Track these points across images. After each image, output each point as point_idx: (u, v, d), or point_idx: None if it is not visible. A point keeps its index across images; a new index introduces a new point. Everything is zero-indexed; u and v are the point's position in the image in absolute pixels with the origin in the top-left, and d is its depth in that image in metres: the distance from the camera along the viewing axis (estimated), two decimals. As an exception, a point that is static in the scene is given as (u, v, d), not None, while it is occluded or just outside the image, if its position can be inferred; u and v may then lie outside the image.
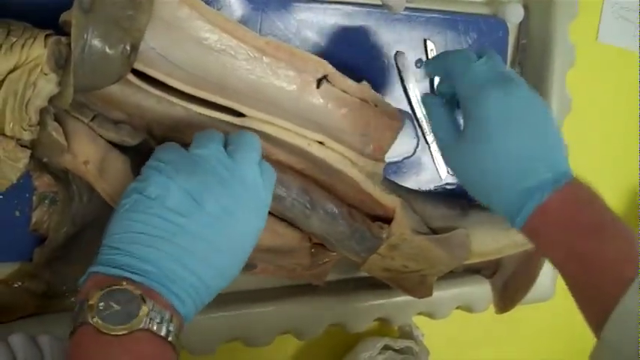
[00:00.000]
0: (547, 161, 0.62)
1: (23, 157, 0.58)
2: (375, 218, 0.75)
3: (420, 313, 0.85)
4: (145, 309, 0.49)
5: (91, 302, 0.49)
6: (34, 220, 0.68)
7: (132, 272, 0.51)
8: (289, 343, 0.84)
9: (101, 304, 0.49)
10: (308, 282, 0.80)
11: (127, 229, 0.53)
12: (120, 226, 0.53)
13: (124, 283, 0.50)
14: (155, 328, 0.49)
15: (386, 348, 0.85)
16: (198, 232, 0.53)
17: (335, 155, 0.71)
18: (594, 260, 0.59)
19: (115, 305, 0.49)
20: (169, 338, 0.50)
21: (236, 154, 0.57)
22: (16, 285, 0.68)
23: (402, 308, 0.83)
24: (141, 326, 0.49)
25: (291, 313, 0.78)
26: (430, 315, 0.86)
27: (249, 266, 0.72)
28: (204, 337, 0.73)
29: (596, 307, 0.58)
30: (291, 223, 0.72)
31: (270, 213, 0.62)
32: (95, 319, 0.48)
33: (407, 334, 0.88)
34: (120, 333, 0.48)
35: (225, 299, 0.75)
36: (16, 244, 0.69)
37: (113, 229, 0.53)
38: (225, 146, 0.58)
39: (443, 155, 0.71)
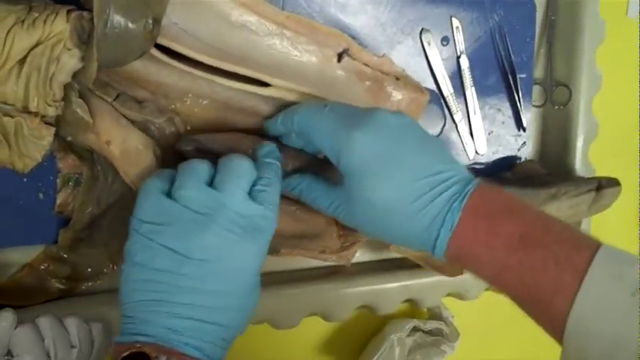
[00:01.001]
0: (443, 175, 0.57)
1: (47, 135, 0.57)
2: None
3: (449, 295, 0.84)
4: None
5: None
6: (58, 202, 0.68)
7: (144, 336, 0.53)
8: (317, 326, 0.82)
9: None
10: (335, 263, 0.79)
11: (130, 298, 0.54)
12: (125, 294, 0.55)
13: (138, 345, 0.52)
14: None
15: (415, 329, 0.84)
16: (192, 285, 0.54)
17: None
18: (526, 272, 0.54)
19: None
20: None
21: (221, 184, 0.56)
22: (41, 268, 0.68)
23: (431, 289, 0.82)
24: None
25: (318, 294, 0.77)
26: (459, 296, 0.84)
27: (272, 250, 0.71)
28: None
29: (545, 319, 0.54)
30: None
31: (292, 200, 0.61)
32: None
33: (436, 315, 0.87)
34: None
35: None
36: (40, 227, 0.69)
37: (122, 298, 0.55)
38: (213, 177, 0.57)
39: (338, 219, 0.64)
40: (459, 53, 0.84)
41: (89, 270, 0.69)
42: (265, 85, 0.65)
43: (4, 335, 0.55)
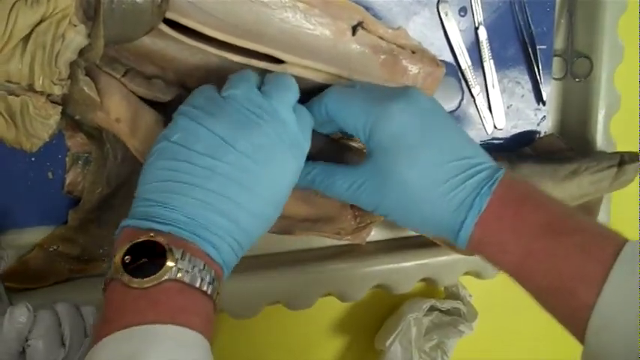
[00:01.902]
0: (474, 160, 0.56)
1: (54, 114, 0.55)
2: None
3: (466, 273, 0.82)
4: (172, 259, 0.47)
5: (117, 257, 0.48)
6: (67, 181, 0.67)
7: (160, 222, 0.49)
8: (332, 306, 0.81)
9: (127, 257, 0.47)
10: (350, 242, 0.77)
11: (156, 178, 0.51)
12: (149, 175, 0.51)
13: (152, 234, 0.48)
14: (186, 278, 0.47)
15: (432, 309, 0.83)
16: (230, 174, 0.51)
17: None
18: (549, 259, 0.53)
19: (142, 258, 0.47)
20: (204, 288, 0.48)
21: (270, 93, 0.55)
22: (51, 249, 0.66)
23: (449, 268, 0.80)
24: (167, 277, 0.47)
25: (333, 274, 0.75)
26: (477, 275, 0.83)
27: (285, 231, 0.70)
28: (246, 301, 0.71)
29: (567, 312, 0.53)
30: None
31: None
32: (122, 273, 0.47)
33: (453, 294, 0.85)
34: (147, 286, 0.46)
35: (266, 261, 0.74)
36: (49, 207, 0.68)
37: (143, 180, 0.52)
38: (260, 87, 0.56)
39: (358, 204, 0.61)
40: (477, 24, 0.82)
41: (100, 251, 0.68)
42: (278, 61, 0.63)
43: (23, 331, 0.54)
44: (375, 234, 0.80)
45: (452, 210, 0.56)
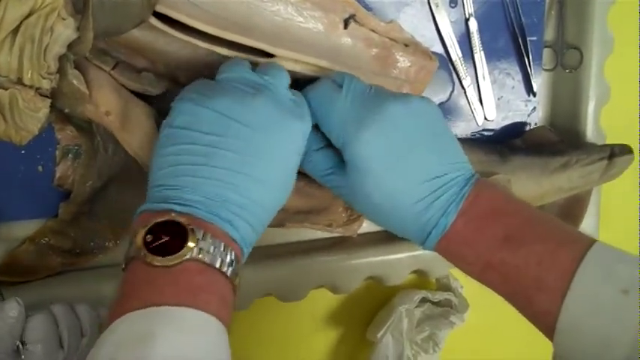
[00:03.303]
0: (444, 178, 0.58)
1: (43, 107, 0.55)
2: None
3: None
4: (193, 239, 0.48)
5: (138, 236, 0.48)
6: (58, 174, 0.66)
7: (178, 204, 0.50)
8: (324, 298, 0.81)
9: (149, 236, 0.48)
10: (341, 234, 0.77)
11: (165, 164, 0.51)
12: (158, 163, 0.52)
13: (172, 214, 0.49)
14: (207, 258, 0.48)
15: (424, 301, 0.83)
16: (237, 149, 0.51)
17: None
18: (509, 270, 0.56)
19: (163, 237, 0.48)
20: (224, 269, 0.49)
21: (265, 74, 0.56)
22: (42, 242, 0.66)
23: (440, 260, 0.79)
24: (189, 256, 0.47)
25: (325, 266, 0.75)
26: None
27: (277, 224, 0.69)
28: (238, 293, 0.71)
29: (531, 316, 0.56)
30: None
31: (300, 174, 0.60)
32: (143, 252, 0.47)
33: (445, 286, 0.85)
34: (169, 264, 0.47)
35: (258, 253, 0.73)
36: (40, 200, 0.67)
37: (154, 168, 0.52)
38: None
39: (335, 193, 0.64)
40: (467, 16, 0.82)
41: (91, 244, 0.67)
42: (269, 55, 0.62)
43: (15, 326, 0.54)
44: (367, 226, 0.80)
45: (419, 226, 0.58)
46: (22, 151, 0.65)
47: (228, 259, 0.49)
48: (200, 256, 0.48)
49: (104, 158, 0.65)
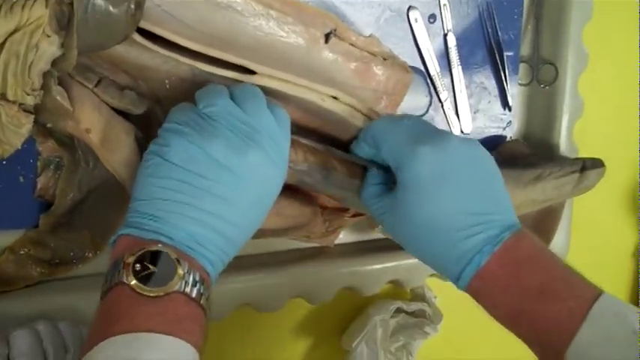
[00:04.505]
0: (487, 217, 0.59)
1: (27, 123, 0.55)
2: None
3: (432, 275, 0.84)
4: (180, 271, 0.50)
5: (127, 262, 0.49)
6: (39, 185, 0.67)
7: (165, 236, 0.51)
8: (300, 308, 0.82)
9: (137, 265, 0.49)
10: (318, 245, 0.78)
11: (153, 195, 0.52)
12: (145, 191, 0.53)
13: (160, 245, 0.50)
14: (188, 290, 0.50)
15: (398, 311, 0.84)
16: (224, 195, 0.53)
17: (349, 110, 0.68)
18: (539, 321, 0.57)
19: (151, 267, 0.49)
20: (201, 301, 0.51)
21: (246, 105, 0.56)
22: (21, 252, 0.66)
23: (415, 270, 0.82)
24: (176, 288, 0.49)
25: (302, 277, 0.76)
26: (443, 277, 0.84)
27: (255, 236, 0.70)
28: (215, 303, 0.70)
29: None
30: (301, 193, 0.71)
31: (281, 195, 0.61)
32: (131, 280, 0.49)
33: (419, 296, 0.87)
34: (155, 295, 0.48)
35: (235, 264, 0.74)
36: (20, 210, 0.67)
37: (138, 194, 0.53)
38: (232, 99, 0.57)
39: (380, 223, 0.65)
40: (445, 31, 0.83)
41: (71, 254, 0.68)
42: (250, 72, 0.63)
43: None
44: (343, 236, 0.81)
45: (453, 259, 0.59)
46: (4, 162, 0.65)
47: (203, 290, 0.51)
48: (185, 289, 0.49)
49: (85, 172, 0.65)
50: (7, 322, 0.61)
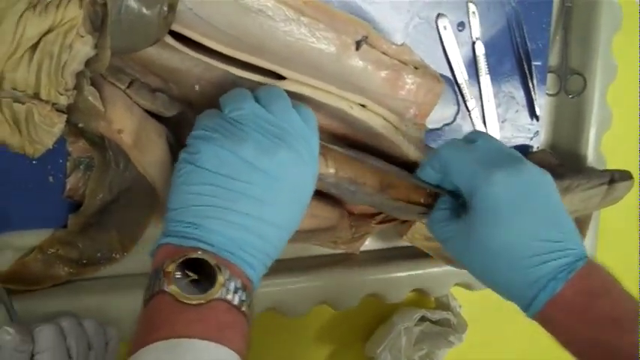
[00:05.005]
0: (561, 245, 0.59)
1: (59, 122, 0.55)
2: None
3: (457, 284, 0.84)
4: (220, 279, 0.49)
5: (167, 270, 0.49)
6: (68, 186, 0.67)
7: (205, 243, 0.51)
8: (325, 314, 0.82)
9: (178, 273, 0.49)
10: (344, 252, 0.78)
11: (189, 202, 0.53)
12: (180, 200, 0.53)
13: (199, 252, 0.50)
14: (230, 297, 0.50)
15: (423, 319, 0.84)
16: (259, 195, 0.53)
17: (377, 119, 0.68)
18: (614, 351, 0.56)
19: (191, 274, 0.50)
20: (242, 308, 0.50)
21: (271, 107, 0.56)
22: (50, 252, 0.67)
23: (440, 279, 0.82)
24: (217, 296, 0.49)
25: (327, 283, 0.76)
26: (468, 286, 0.84)
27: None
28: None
29: None
30: (329, 195, 0.70)
31: None
32: (173, 288, 0.49)
33: (444, 305, 0.86)
34: (196, 302, 0.49)
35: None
36: (49, 210, 0.68)
37: (174, 204, 0.53)
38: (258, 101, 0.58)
39: (443, 244, 0.65)
40: (474, 39, 0.83)
41: (98, 255, 0.68)
42: (280, 77, 0.63)
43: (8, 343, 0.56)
44: (369, 244, 0.81)
45: (526, 285, 0.59)
46: (34, 162, 0.66)
47: (245, 297, 0.51)
48: (226, 296, 0.49)
49: (115, 173, 0.65)
50: (33, 320, 0.61)
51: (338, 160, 0.67)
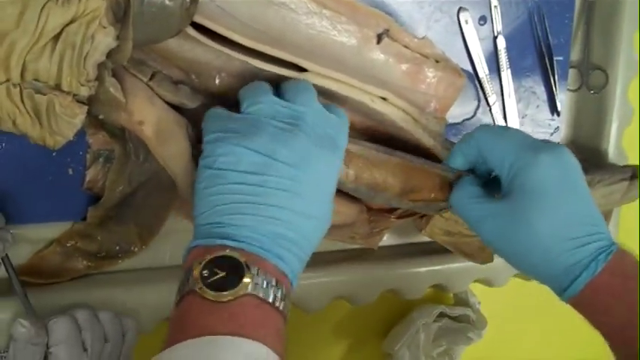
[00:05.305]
0: (596, 228, 0.59)
1: (80, 113, 0.55)
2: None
3: (476, 281, 0.83)
4: (249, 274, 0.49)
5: (195, 271, 0.49)
6: (88, 178, 0.67)
7: (232, 240, 0.51)
8: (343, 309, 0.82)
9: (205, 271, 0.49)
10: (362, 247, 0.78)
11: (213, 204, 0.52)
12: (205, 204, 0.53)
13: (227, 250, 0.50)
14: (261, 294, 0.49)
15: (441, 315, 0.84)
16: (281, 186, 0.52)
17: (398, 112, 0.68)
18: None
19: (219, 272, 0.49)
20: (276, 304, 0.50)
21: (294, 99, 0.56)
22: (68, 244, 0.67)
23: (459, 275, 0.81)
24: (246, 292, 0.49)
25: (345, 278, 0.76)
26: (487, 282, 0.83)
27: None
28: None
29: None
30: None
31: None
32: (200, 287, 0.49)
33: (462, 301, 0.86)
34: (225, 299, 0.48)
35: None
36: (69, 203, 0.68)
37: (199, 209, 0.53)
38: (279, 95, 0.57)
39: (474, 223, 0.64)
40: (496, 33, 0.82)
41: (117, 248, 0.68)
42: (301, 70, 0.63)
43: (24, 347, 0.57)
44: (388, 239, 0.81)
45: (567, 266, 0.59)
46: (53, 154, 0.66)
47: (279, 293, 0.50)
48: (255, 291, 0.49)
49: (135, 165, 0.65)
50: (49, 314, 0.61)
51: (359, 165, 0.66)
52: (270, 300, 0.49)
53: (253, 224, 0.51)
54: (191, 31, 0.59)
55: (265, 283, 0.49)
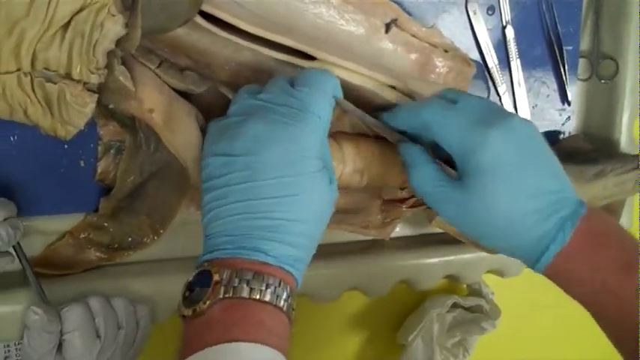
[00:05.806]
0: (562, 194, 0.58)
1: (90, 102, 0.56)
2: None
3: (489, 271, 0.83)
4: (217, 282, 0.50)
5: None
6: (99, 170, 0.67)
7: (209, 252, 0.52)
8: (356, 300, 0.82)
9: (186, 292, 0.51)
10: (374, 237, 0.78)
11: (215, 216, 0.53)
12: (207, 217, 0.54)
13: (205, 264, 0.52)
14: (259, 296, 0.50)
15: (455, 306, 0.83)
16: (242, 179, 0.52)
17: (408, 101, 0.68)
18: (625, 293, 0.56)
19: (195, 287, 0.51)
20: (280, 304, 0.51)
21: (304, 88, 0.55)
22: (81, 236, 0.67)
23: (472, 266, 0.81)
24: (210, 302, 0.49)
25: (358, 269, 0.76)
26: (500, 273, 0.83)
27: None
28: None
29: (634, 345, 0.56)
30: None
31: None
32: (180, 307, 0.51)
33: (476, 292, 0.85)
34: (192, 313, 0.49)
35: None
36: (81, 195, 0.68)
37: (204, 223, 0.54)
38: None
39: (436, 208, 0.61)
40: (504, 23, 0.82)
41: (129, 239, 0.68)
42: (310, 58, 0.63)
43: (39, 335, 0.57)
44: (400, 230, 0.81)
45: (535, 239, 0.57)
46: (65, 146, 0.66)
47: (284, 294, 0.51)
48: (227, 294, 0.49)
49: (146, 154, 0.65)
50: (63, 304, 0.61)
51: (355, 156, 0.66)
52: (274, 302, 0.50)
53: (225, 227, 0.52)
54: (199, 19, 0.60)
55: (264, 285, 0.50)
